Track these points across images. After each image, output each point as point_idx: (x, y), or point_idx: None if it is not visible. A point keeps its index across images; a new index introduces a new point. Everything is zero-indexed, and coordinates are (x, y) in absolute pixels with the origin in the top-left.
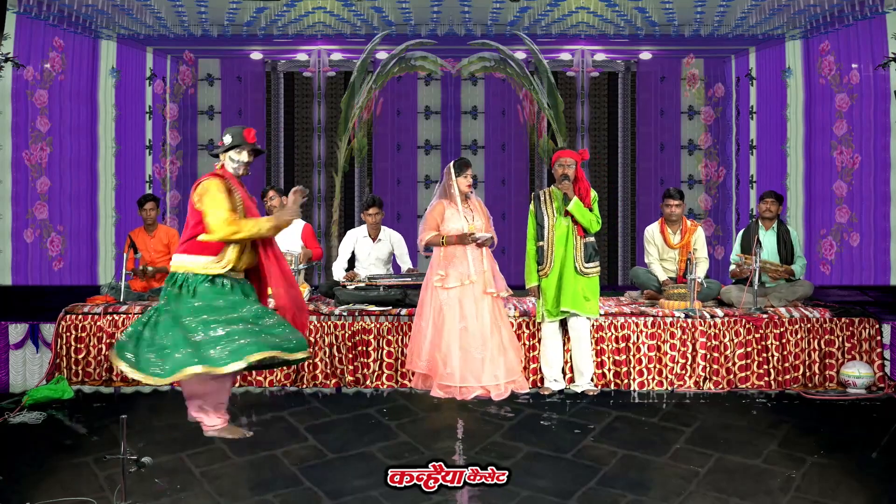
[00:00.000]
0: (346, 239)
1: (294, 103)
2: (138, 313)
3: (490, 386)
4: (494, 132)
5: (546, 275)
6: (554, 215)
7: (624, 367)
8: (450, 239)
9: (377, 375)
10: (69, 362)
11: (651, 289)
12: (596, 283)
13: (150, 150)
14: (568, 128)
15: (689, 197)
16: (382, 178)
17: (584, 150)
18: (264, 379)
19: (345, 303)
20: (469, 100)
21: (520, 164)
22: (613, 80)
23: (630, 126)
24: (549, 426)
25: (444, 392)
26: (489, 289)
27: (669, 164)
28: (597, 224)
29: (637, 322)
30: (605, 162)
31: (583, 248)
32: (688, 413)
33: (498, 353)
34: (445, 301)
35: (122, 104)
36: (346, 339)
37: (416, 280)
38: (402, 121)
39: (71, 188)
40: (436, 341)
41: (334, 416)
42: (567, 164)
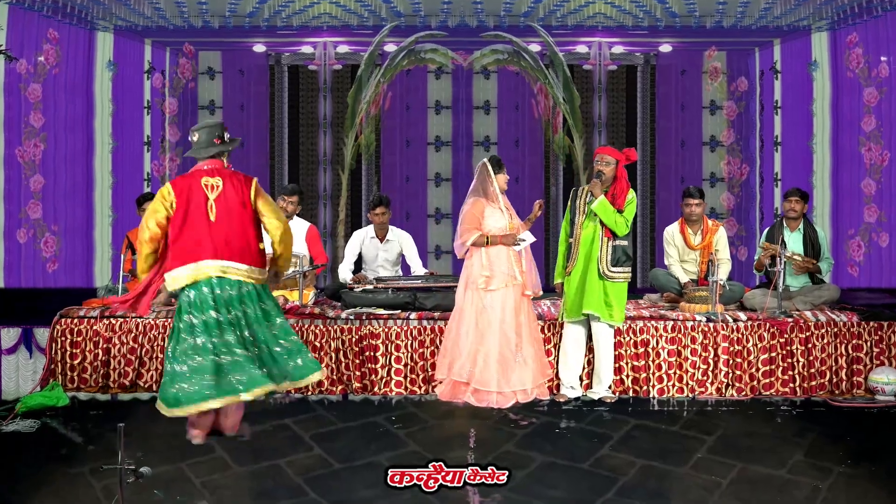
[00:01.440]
0: (352, 239)
1: (299, 98)
2: (136, 317)
3: (519, 391)
4: (508, 128)
5: (569, 273)
6: (583, 213)
7: (643, 374)
8: (494, 239)
9: (385, 382)
10: (64, 368)
11: (671, 291)
12: (622, 289)
13: (149, 147)
14: (584, 123)
15: (710, 195)
16: (391, 175)
17: (631, 150)
18: None
19: (352, 306)
20: (481, 94)
21: (534, 160)
22: (632, 74)
23: (649, 122)
24: (564, 435)
25: (478, 400)
26: (527, 290)
27: (690, 162)
28: (624, 227)
29: (657, 326)
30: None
31: (610, 251)
32: (709, 421)
33: (530, 357)
34: (489, 304)
35: (119, 99)
36: (353, 344)
37: (428, 282)
38: (412, 116)
39: (66, 186)
40: (477, 346)
41: (340, 424)
42: (604, 161)
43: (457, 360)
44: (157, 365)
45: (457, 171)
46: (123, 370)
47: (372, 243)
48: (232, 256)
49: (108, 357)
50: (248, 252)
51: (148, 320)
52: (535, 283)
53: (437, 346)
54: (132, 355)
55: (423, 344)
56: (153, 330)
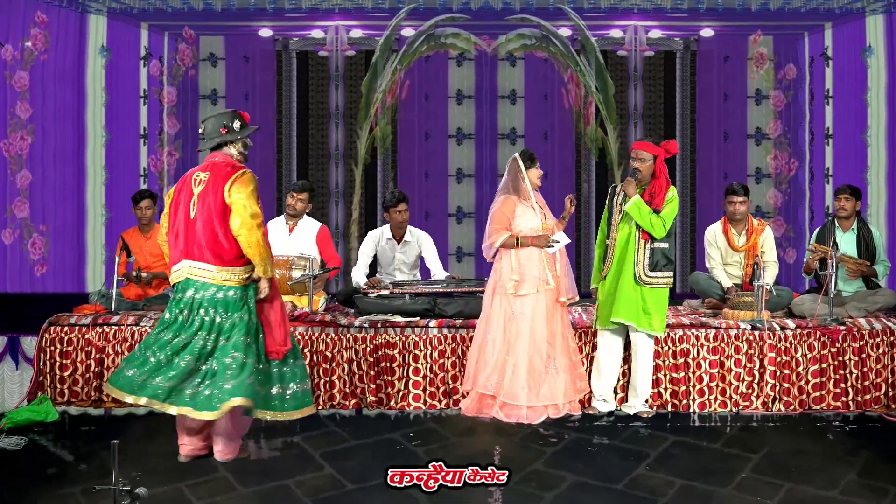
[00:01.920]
0: (366, 241)
1: (308, 86)
2: (131, 325)
3: (550, 405)
4: (535, 119)
5: (603, 277)
6: (619, 214)
7: (682, 386)
8: (525, 240)
9: (403, 395)
10: (53, 380)
11: (713, 297)
12: (662, 295)
13: (146, 140)
14: (619, 114)
15: (756, 193)
16: (408, 171)
17: (671, 143)
18: None
19: (366, 313)
20: (507, 83)
21: (564, 155)
22: (670, 61)
23: (689, 112)
24: (597, 452)
25: (506, 415)
26: (562, 297)
27: (734, 156)
28: (661, 229)
29: (697, 335)
30: None
31: (647, 254)
32: (755, 438)
33: (563, 369)
34: (518, 310)
35: (113, 88)
36: (368, 354)
37: (449, 287)
38: (431, 106)
39: (55, 183)
40: (505, 356)
41: (353, 441)
42: (640, 157)
43: (483, 370)
44: None
45: (480, 167)
46: None
47: (388, 245)
48: (202, 257)
49: (101, 368)
50: (224, 253)
51: (145, 328)
52: (570, 288)
53: (459, 356)
54: None
55: (443, 354)
56: None
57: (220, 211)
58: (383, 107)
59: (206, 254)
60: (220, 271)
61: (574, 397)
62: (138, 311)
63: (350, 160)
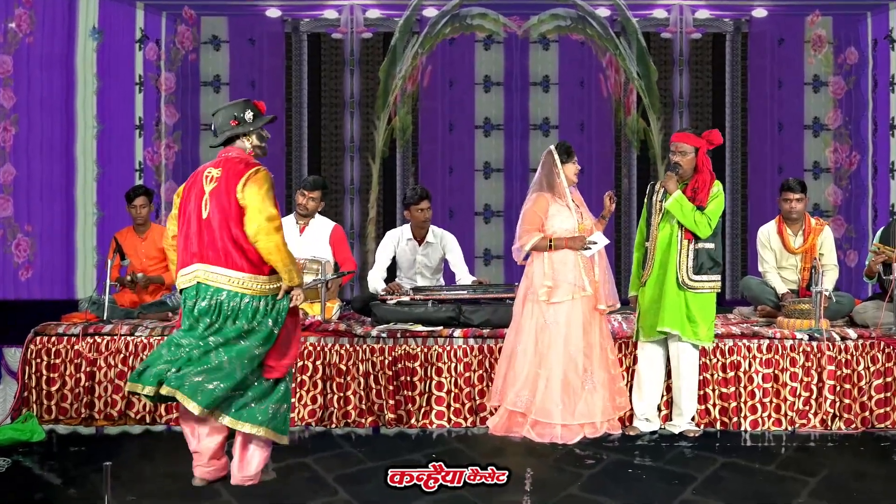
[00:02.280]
0: (384, 242)
1: (320, 72)
2: (125, 335)
3: (587, 424)
4: (571, 108)
5: (643, 283)
6: (659, 212)
7: (733, 403)
8: (559, 242)
9: (424, 412)
10: (40, 396)
11: (766, 304)
12: (708, 301)
13: (141, 131)
14: (663, 102)
15: (813, 189)
16: (431, 165)
17: (714, 133)
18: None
19: (384, 322)
20: (539, 68)
21: (602, 148)
22: (719, 44)
23: (740, 101)
24: (639, 476)
25: (538, 434)
26: (601, 304)
27: (789, 149)
28: (706, 228)
29: (749, 346)
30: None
31: (692, 256)
32: (813, 459)
33: (602, 384)
34: (551, 319)
35: (105, 73)
36: (386, 366)
37: (475, 294)
38: (456, 94)
39: (42, 178)
40: (537, 370)
41: (370, 462)
42: (680, 150)
43: (512, 385)
44: None
45: (510, 161)
46: (111, 398)
47: (408, 246)
48: (217, 260)
49: (92, 383)
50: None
51: (140, 338)
52: (611, 295)
53: (487, 369)
54: (121, 380)
55: (469, 367)
56: (146, 350)
57: (235, 212)
58: (403, 94)
59: (225, 258)
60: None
61: (613, 415)
62: (133, 319)
63: (366, 153)
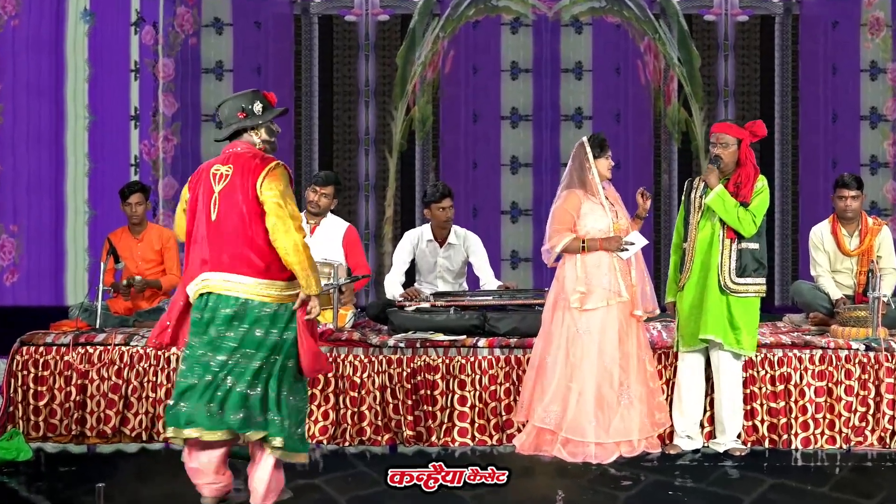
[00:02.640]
0: (402, 243)
1: (333, 58)
2: (120, 344)
3: (623, 442)
4: (605, 97)
5: (682, 288)
6: (699, 210)
7: (782, 418)
8: (592, 243)
9: (446, 429)
10: (26, 411)
11: (819, 311)
12: (752, 307)
13: (137, 122)
14: (706, 91)
15: (870, 185)
16: (453, 159)
17: (758, 124)
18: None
19: (402, 330)
20: (571, 53)
21: (640, 140)
22: (768, 27)
23: (790, 89)
24: (679, 498)
25: (570, 453)
26: (637, 310)
27: (844, 141)
28: (751, 226)
29: (800, 356)
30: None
31: (735, 257)
32: (870, 480)
33: (639, 399)
34: (584, 327)
35: (97, 59)
36: (404, 379)
37: (502, 300)
38: (480, 81)
39: (28, 173)
40: (568, 383)
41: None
42: (722, 141)
43: (541, 400)
44: (146, 407)
45: (539, 154)
46: (103, 414)
47: (429, 248)
48: (231, 267)
49: (83, 397)
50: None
51: (136, 349)
52: (649, 300)
53: (514, 382)
54: (115, 394)
55: (494, 380)
56: (142, 361)
57: (256, 211)
58: (423, 82)
59: (239, 263)
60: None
61: (652, 432)
62: (128, 327)
63: (383, 147)
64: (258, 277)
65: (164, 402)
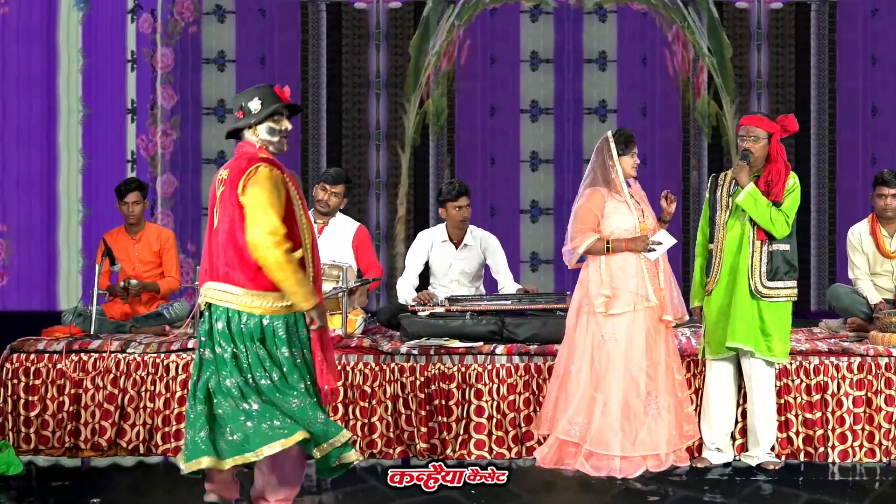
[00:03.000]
0: (416, 244)
1: (341, 48)
2: (116, 351)
3: (650, 456)
4: (631, 89)
5: (709, 292)
6: (727, 209)
7: (818, 430)
8: (617, 244)
9: (462, 442)
10: (17, 422)
11: (858, 316)
12: (784, 312)
13: (134, 116)
14: (738, 83)
15: None
16: (469, 155)
17: (789, 118)
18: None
19: (415, 337)
20: (595, 43)
21: (668, 135)
22: (803, 15)
23: (827, 81)
24: None
25: (594, 467)
26: (665, 315)
27: (885, 136)
28: (784, 226)
29: (838, 364)
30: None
31: (765, 259)
32: None
33: (667, 409)
34: (609, 334)
35: (91, 49)
36: (418, 388)
37: (521, 304)
38: (498, 73)
39: (18, 170)
40: (593, 392)
41: (399, 500)
42: (752, 135)
43: (564, 411)
44: (144, 418)
45: (560, 150)
46: (98, 425)
47: (444, 249)
48: (224, 277)
49: (77, 407)
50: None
51: (133, 356)
52: (678, 305)
53: (534, 391)
54: (111, 404)
55: (513, 389)
56: (140, 369)
57: (239, 217)
58: (437, 74)
59: (231, 273)
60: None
61: (680, 445)
62: (125, 334)
63: (395, 142)
64: (245, 288)
65: (162, 412)
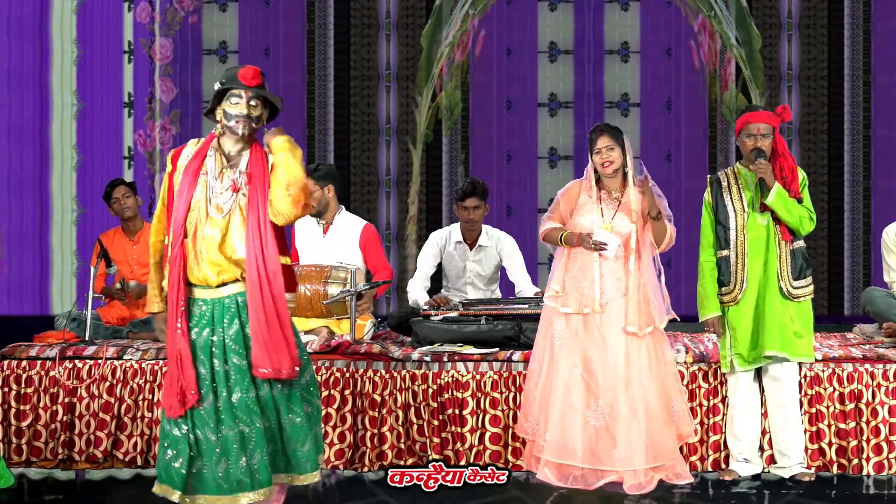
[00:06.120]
0: (428, 245)
1: (350, 38)
2: (112, 358)
3: (623, 472)
4: (654, 82)
5: (736, 301)
6: (745, 210)
7: (852, 440)
8: (570, 238)
9: (477, 452)
10: (8, 433)
11: (894, 320)
12: (808, 309)
13: (131, 110)
14: (768, 76)
15: None
16: (485, 151)
17: (784, 108)
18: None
19: (428, 342)
20: (616, 33)
21: (694, 130)
22: (837, 4)
23: (861, 73)
24: None
25: (557, 476)
26: (630, 326)
27: None
28: (810, 222)
29: (872, 371)
30: (823, 128)
31: (790, 259)
32: None
33: (633, 419)
34: (559, 333)
35: (86, 40)
36: (430, 396)
37: (538, 308)
38: (515, 65)
39: (10, 168)
40: (545, 393)
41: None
42: (761, 132)
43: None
44: (141, 428)
45: (580, 146)
46: (94, 436)
47: (457, 251)
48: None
49: (71, 416)
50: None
51: (130, 363)
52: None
53: None
54: (106, 414)
55: None
56: (137, 377)
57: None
58: (450, 65)
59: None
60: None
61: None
62: (121, 339)
63: (406, 137)
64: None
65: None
